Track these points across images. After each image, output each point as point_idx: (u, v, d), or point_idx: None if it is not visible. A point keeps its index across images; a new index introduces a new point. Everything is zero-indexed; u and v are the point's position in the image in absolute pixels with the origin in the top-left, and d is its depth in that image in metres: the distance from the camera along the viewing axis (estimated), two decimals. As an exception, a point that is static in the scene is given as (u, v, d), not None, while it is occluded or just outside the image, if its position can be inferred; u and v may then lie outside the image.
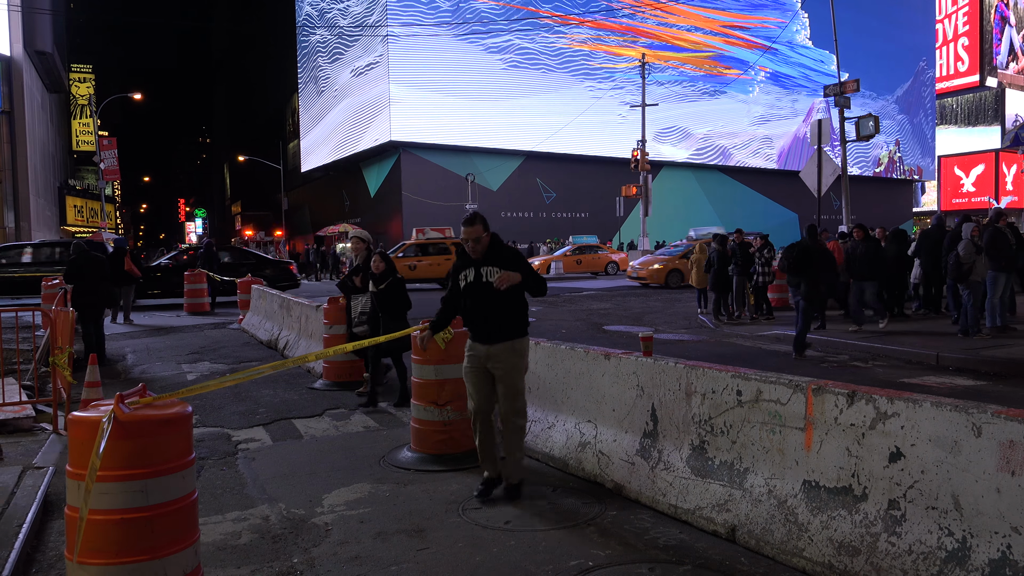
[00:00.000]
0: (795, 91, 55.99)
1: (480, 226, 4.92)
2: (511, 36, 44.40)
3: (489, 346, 4.92)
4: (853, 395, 3.81)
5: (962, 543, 3.29)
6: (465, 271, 5.01)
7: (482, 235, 4.92)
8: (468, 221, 4.96)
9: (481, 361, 4.97)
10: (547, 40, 45.98)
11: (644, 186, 32.99)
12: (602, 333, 13.29)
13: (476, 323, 4.99)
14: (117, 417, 3.06)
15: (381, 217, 46.78)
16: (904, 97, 61.15)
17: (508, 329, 4.94)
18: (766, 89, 54.74)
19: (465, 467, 5.72)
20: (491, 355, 4.92)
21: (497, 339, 4.92)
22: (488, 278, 4.89)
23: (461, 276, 5.03)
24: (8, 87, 34.15)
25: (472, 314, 4.99)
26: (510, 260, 4.94)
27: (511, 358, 4.94)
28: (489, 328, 4.93)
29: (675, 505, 4.60)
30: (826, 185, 17.28)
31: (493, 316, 4.91)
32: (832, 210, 50.00)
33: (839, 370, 9.69)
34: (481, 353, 4.96)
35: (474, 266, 4.96)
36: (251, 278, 16.30)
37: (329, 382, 9.01)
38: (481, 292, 4.91)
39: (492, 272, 4.88)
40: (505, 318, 4.92)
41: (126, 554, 3.04)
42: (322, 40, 52.36)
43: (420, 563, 4.09)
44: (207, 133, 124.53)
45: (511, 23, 43.71)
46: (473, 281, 4.95)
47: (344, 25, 48.25)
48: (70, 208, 47.64)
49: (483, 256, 4.93)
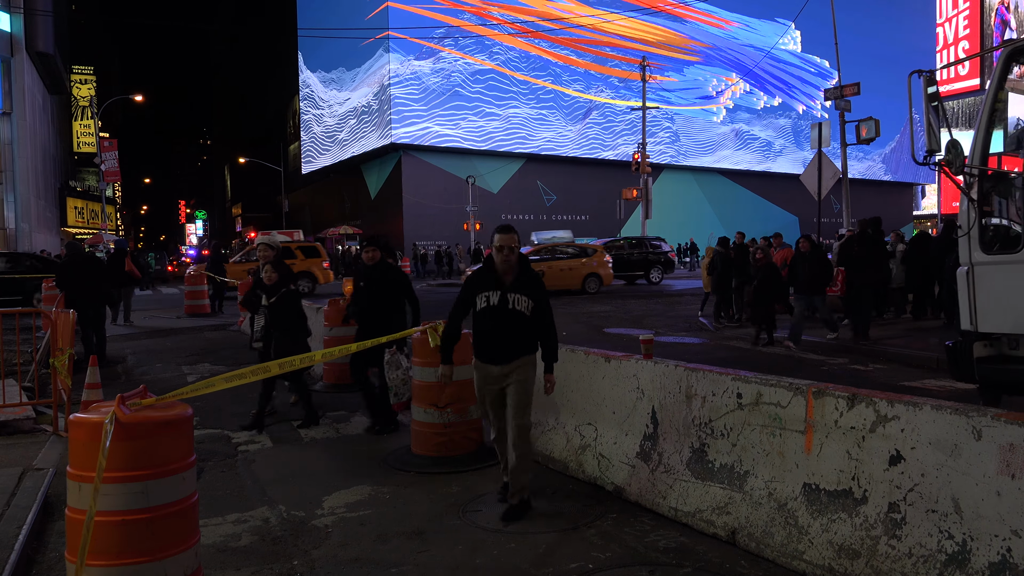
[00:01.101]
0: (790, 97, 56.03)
1: (515, 234, 4.70)
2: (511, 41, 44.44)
3: (502, 367, 4.75)
4: (853, 398, 3.81)
5: (962, 546, 3.29)
6: (488, 292, 4.72)
7: (516, 245, 4.69)
8: (505, 228, 4.72)
9: (496, 380, 4.79)
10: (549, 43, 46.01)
11: (645, 189, 32.96)
12: (602, 336, 13.29)
13: (491, 345, 4.76)
14: (118, 418, 3.06)
15: (381, 219, 46.78)
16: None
17: (523, 348, 4.79)
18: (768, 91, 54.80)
19: (465, 469, 5.72)
20: (504, 372, 4.77)
21: (512, 359, 4.75)
22: (516, 306, 4.66)
23: (481, 296, 4.75)
24: (9, 88, 34.18)
25: (488, 336, 4.77)
26: (538, 286, 4.75)
27: (524, 371, 4.78)
28: (507, 350, 4.73)
29: (675, 508, 4.60)
30: (826, 188, 17.29)
31: (513, 339, 4.73)
32: (833, 213, 49.99)
33: (839, 373, 9.69)
34: (495, 373, 4.78)
35: (500, 290, 4.69)
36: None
37: (329, 384, 9.01)
38: (504, 317, 4.69)
39: (521, 301, 4.66)
40: (523, 339, 4.77)
41: (126, 555, 3.04)
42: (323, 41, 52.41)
43: (420, 565, 4.09)
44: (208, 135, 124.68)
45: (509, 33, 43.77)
46: (497, 305, 4.69)
47: (345, 26, 48.29)
48: (71, 209, 47.69)
49: (512, 280, 4.70)
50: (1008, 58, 5.93)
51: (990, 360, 5.80)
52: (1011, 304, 5.59)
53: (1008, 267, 5.62)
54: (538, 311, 4.72)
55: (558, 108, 46.32)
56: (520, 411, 4.75)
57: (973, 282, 5.81)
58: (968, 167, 5.65)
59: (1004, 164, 6.12)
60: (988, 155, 5.91)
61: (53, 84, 43.75)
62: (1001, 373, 5.70)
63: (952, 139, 5.41)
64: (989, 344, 5.83)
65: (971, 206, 5.75)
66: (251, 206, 77.50)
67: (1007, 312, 5.63)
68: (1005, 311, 5.65)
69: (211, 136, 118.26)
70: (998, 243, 5.76)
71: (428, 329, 5.97)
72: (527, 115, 45.31)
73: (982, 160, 5.84)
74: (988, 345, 5.83)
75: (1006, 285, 5.63)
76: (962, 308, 5.93)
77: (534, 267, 4.94)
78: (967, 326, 5.90)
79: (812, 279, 11.46)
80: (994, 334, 5.81)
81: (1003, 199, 5.90)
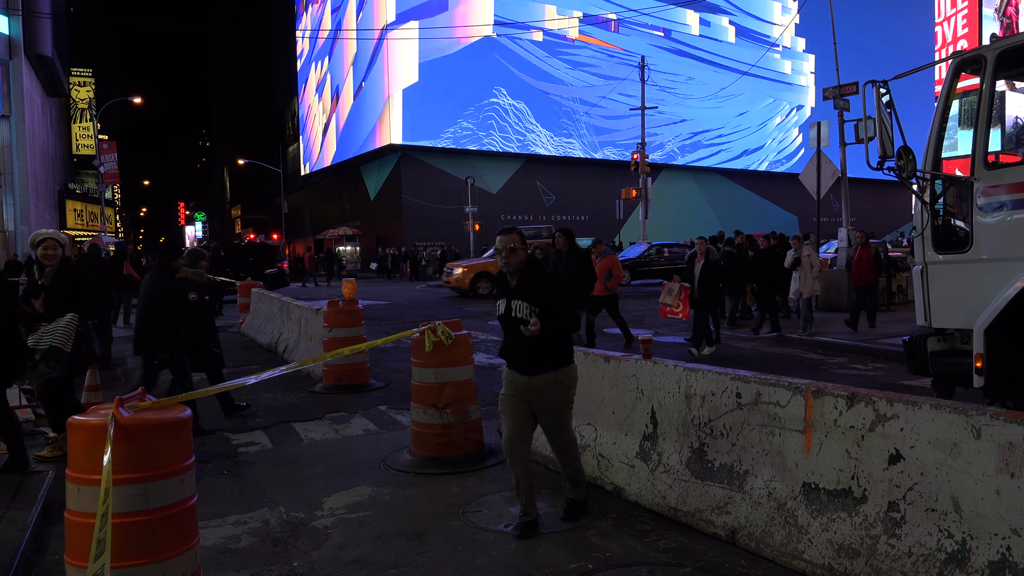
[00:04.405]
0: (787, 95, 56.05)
1: (516, 235, 4.49)
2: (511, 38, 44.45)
3: (528, 377, 4.45)
4: (852, 397, 3.81)
5: (962, 545, 3.28)
6: (501, 299, 4.59)
7: (517, 246, 4.47)
8: (505, 230, 4.53)
9: (520, 391, 4.49)
10: (548, 41, 46.02)
11: (644, 189, 32.94)
12: (601, 336, 13.29)
13: (511, 353, 4.56)
14: (117, 420, 3.06)
15: (381, 220, 46.80)
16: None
17: (548, 359, 4.44)
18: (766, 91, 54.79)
19: (465, 470, 5.72)
20: (530, 387, 4.45)
21: (535, 370, 4.43)
22: (517, 313, 4.43)
23: (498, 303, 4.63)
24: (8, 91, 34.17)
25: (507, 344, 4.60)
26: (542, 291, 4.42)
27: (553, 391, 4.45)
28: (525, 359, 4.45)
29: (675, 507, 4.60)
30: (825, 188, 17.27)
31: (523, 350, 4.44)
32: (832, 212, 49.99)
33: (838, 372, 9.69)
34: (520, 384, 4.48)
35: (506, 297, 4.53)
36: (251, 281, 16.31)
37: (329, 385, 9.01)
38: (509, 325, 4.51)
39: (522, 308, 4.41)
40: (543, 348, 4.41)
41: (125, 558, 3.03)
42: (322, 42, 52.44)
43: (420, 566, 4.09)
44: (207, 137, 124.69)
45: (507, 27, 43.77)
46: (504, 313, 4.54)
47: (344, 27, 48.30)
48: (70, 212, 47.59)
49: (517, 285, 4.49)
50: (957, 68, 6.24)
51: (943, 354, 6.14)
52: (961, 301, 5.91)
53: (958, 266, 5.98)
54: (546, 317, 4.33)
55: (558, 105, 46.31)
56: (558, 433, 4.59)
57: (927, 280, 6.17)
58: (921, 172, 5.98)
59: (1002, 162, 6.35)
60: (941, 160, 6.27)
61: (52, 87, 43.69)
62: (954, 366, 6.00)
63: (904, 145, 5.71)
64: (943, 339, 6.18)
65: (924, 208, 6.15)
66: (250, 208, 77.53)
67: (958, 308, 5.95)
68: (956, 307, 5.98)
69: (210, 138, 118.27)
70: (949, 243, 6.10)
71: (426, 330, 5.97)
72: (527, 114, 45.29)
73: (935, 165, 6.18)
74: (942, 340, 6.18)
75: (956, 283, 5.98)
76: (917, 305, 6.29)
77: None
78: (922, 322, 6.24)
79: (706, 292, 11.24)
80: (947, 329, 6.16)
81: (953, 202, 6.28)
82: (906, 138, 5.76)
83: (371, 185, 49.25)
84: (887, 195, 60.07)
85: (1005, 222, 5.70)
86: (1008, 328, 5.41)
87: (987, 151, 5.96)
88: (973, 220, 5.85)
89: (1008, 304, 5.36)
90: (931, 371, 6.18)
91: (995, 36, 6.21)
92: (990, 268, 5.70)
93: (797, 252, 12.63)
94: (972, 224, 5.86)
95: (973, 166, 5.90)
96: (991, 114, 6.01)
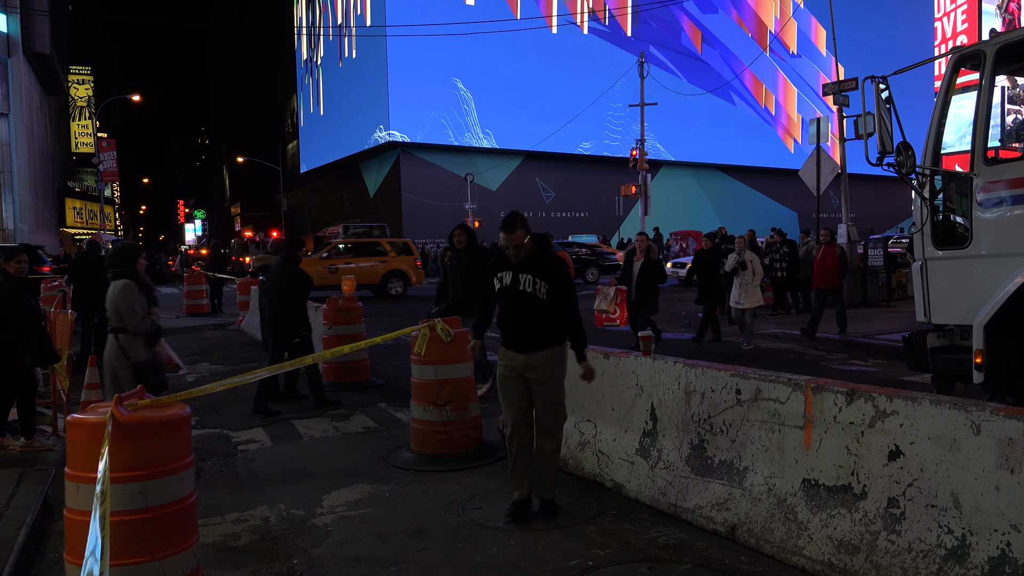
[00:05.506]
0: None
1: (521, 231, 4.48)
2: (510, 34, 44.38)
3: (527, 355, 4.57)
4: (852, 393, 3.81)
5: (961, 541, 3.29)
6: (502, 273, 4.63)
7: (524, 241, 4.50)
8: (507, 227, 4.50)
9: (519, 371, 4.60)
10: (548, 38, 45.96)
11: (643, 185, 32.91)
12: (601, 332, 13.28)
13: (512, 330, 4.64)
14: (116, 418, 3.06)
15: (381, 217, 46.72)
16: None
17: (547, 337, 4.58)
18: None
19: (465, 467, 5.72)
20: (529, 365, 4.57)
21: (535, 348, 4.56)
22: (526, 287, 4.50)
23: (497, 277, 4.65)
24: (7, 90, 34.13)
25: (508, 321, 4.66)
26: (552, 270, 4.54)
27: (551, 367, 4.60)
28: (527, 336, 4.57)
29: (675, 504, 4.60)
30: (825, 184, 17.25)
31: (531, 324, 4.55)
32: (832, 208, 49.98)
33: (837, 368, 9.69)
34: (518, 362, 4.59)
35: (512, 270, 4.57)
36: (250, 279, 16.29)
37: (329, 383, 9.00)
38: (518, 299, 4.55)
39: (530, 281, 4.49)
40: (544, 326, 4.56)
41: (125, 556, 3.03)
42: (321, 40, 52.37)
43: (420, 563, 4.09)
44: (206, 134, 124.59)
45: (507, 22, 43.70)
46: (509, 286, 4.57)
47: (343, 24, 48.24)
48: (69, 210, 47.57)
49: (524, 261, 4.55)
50: (956, 64, 6.22)
51: (943, 350, 6.14)
52: (961, 297, 5.92)
53: (957, 262, 5.98)
54: (554, 294, 4.49)
55: (558, 103, 46.24)
56: (552, 411, 4.65)
57: (927, 276, 6.17)
58: (920, 167, 5.97)
59: (1001, 157, 6.35)
60: (940, 156, 6.25)
61: (51, 85, 43.66)
62: (953, 362, 6.00)
63: (903, 141, 5.69)
64: (942, 335, 6.19)
65: (923, 204, 6.14)
66: (250, 205, 77.45)
67: (957, 304, 5.96)
68: (956, 303, 5.98)
69: (209, 135, 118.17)
70: (948, 239, 6.10)
71: (424, 328, 5.97)
72: (526, 111, 45.24)
73: (934, 161, 6.18)
74: (941, 336, 6.19)
75: (956, 279, 5.98)
76: (917, 300, 6.29)
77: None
78: (921, 318, 6.25)
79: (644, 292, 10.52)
80: (946, 325, 6.17)
81: (953, 198, 6.27)
82: (905, 134, 5.76)
83: (370, 182, 49.21)
84: (887, 191, 60.08)
85: (1005, 218, 5.69)
86: (1008, 324, 5.42)
87: (987, 146, 5.96)
88: (973, 216, 5.84)
89: (1008, 300, 5.36)
90: (931, 367, 6.18)
91: (995, 31, 6.20)
92: (990, 264, 5.70)
93: (740, 256, 11.02)
94: (972, 220, 5.85)
95: (973, 162, 5.89)
96: (990, 109, 5.99)
